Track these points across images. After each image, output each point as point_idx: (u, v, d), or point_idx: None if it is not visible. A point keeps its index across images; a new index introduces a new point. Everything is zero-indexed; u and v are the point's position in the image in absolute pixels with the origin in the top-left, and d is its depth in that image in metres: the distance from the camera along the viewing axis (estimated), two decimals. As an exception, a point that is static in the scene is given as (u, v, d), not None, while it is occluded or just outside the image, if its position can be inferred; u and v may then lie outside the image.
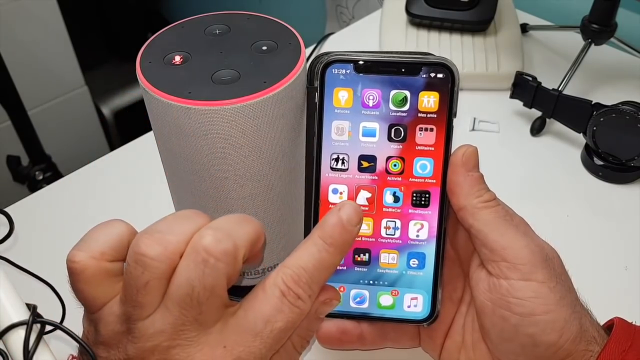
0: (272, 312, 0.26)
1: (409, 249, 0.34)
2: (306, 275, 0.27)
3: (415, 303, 0.34)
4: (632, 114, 0.51)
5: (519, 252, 0.31)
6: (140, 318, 0.26)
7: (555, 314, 0.30)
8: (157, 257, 0.25)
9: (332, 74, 0.33)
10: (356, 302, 0.34)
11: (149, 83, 0.33)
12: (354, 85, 0.33)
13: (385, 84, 0.33)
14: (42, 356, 0.28)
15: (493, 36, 0.69)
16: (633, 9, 0.72)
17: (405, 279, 0.34)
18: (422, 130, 0.33)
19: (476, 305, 0.33)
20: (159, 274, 0.25)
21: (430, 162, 0.33)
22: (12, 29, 1.17)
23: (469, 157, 0.32)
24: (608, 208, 0.54)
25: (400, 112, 0.33)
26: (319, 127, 0.34)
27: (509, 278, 0.31)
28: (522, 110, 0.61)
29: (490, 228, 0.32)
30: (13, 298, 0.29)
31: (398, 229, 0.34)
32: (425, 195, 0.33)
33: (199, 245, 0.25)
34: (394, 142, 0.33)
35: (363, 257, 0.34)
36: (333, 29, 1.17)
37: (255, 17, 0.39)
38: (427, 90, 0.33)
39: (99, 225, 0.28)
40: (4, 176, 1.18)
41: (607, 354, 0.30)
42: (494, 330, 0.32)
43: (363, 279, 0.34)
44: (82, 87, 1.37)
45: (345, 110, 0.33)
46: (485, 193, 0.32)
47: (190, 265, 0.25)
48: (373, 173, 0.34)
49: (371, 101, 0.33)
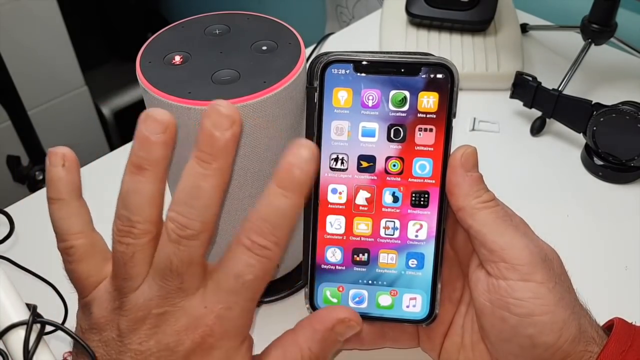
0: (242, 268, 0.27)
1: (408, 249, 0.34)
2: (267, 225, 0.27)
3: (414, 303, 0.34)
4: (632, 114, 0.51)
5: (518, 252, 0.31)
6: (131, 290, 0.28)
7: (553, 315, 0.30)
8: (138, 234, 0.27)
9: (332, 74, 0.33)
10: (355, 302, 0.34)
11: (148, 83, 0.33)
12: (353, 85, 0.33)
13: (385, 84, 0.33)
14: (42, 356, 0.28)
15: (493, 36, 0.69)
16: (633, 9, 0.72)
17: (404, 279, 0.34)
18: (421, 131, 0.33)
19: (475, 306, 0.33)
20: (141, 245, 0.28)
21: (430, 162, 0.33)
22: (12, 29, 1.17)
23: (468, 157, 0.32)
24: (608, 208, 0.54)
25: (399, 112, 0.33)
26: (319, 126, 0.33)
27: (507, 279, 0.31)
28: (522, 110, 0.61)
29: (489, 229, 0.32)
30: (13, 298, 0.29)
31: (397, 229, 0.34)
32: (425, 195, 0.33)
33: (169, 227, 0.27)
34: (393, 143, 0.33)
35: (362, 257, 0.34)
36: (333, 29, 1.17)
37: (255, 17, 0.39)
38: (427, 91, 0.33)
39: (75, 209, 0.30)
40: (4, 176, 1.18)
41: (607, 354, 0.30)
42: (493, 331, 0.32)
43: (362, 279, 0.34)
44: (82, 87, 1.37)
45: (344, 110, 0.33)
46: (485, 193, 0.32)
47: (167, 241, 0.27)
48: (372, 173, 0.34)
49: (371, 101, 0.33)
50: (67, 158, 0.29)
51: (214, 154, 0.26)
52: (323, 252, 0.34)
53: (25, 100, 1.07)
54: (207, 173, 0.27)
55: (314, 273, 0.35)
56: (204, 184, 0.27)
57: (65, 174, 0.29)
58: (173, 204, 0.27)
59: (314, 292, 0.34)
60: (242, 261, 0.27)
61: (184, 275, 0.27)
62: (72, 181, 0.29)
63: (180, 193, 0.27)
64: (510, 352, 0.32)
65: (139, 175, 0.27)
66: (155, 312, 0.27)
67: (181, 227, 0.27)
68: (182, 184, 0.27)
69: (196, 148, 0.27)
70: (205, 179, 0.27)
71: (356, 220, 0.34)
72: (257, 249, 0.27)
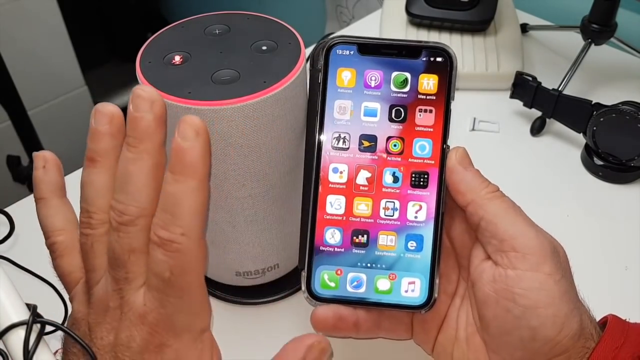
0: (158, 266, 0.26)
1: (407, 230, 0.34)
2: (167, 216, 0.26)
3: (413, 288, 0.34)
4: (632, 114, 0.51)
5: (529, 241, 0.31)
6: (95, 282, 0.28)
7: (557, 308, 0.30)
8: (94, 224, 0.28)
9: (337, 55, 0.34)
10: (353, 286, 0.34)
11: (148, 83, 0.33)
12: (357, 66, 0.34)
13: (387, 65, 0.34)
14: (42, 356, 0.28)
15: (493, 36, 0.69)
16: (633, 9, 0.72)
17: (403, 261, 0.34)
18: (421, 112, 0.34)
19: (478, 296, 0.33)
20: (99, 236, 0.28)
21: (429, 142, 0.34)
22: (12, 29, 1.17)
23: (462, 156, 0.33)
24: (608, 208, 0.54)
25: (400, 93, 0.34)
26: (322, 105, 0.34)
27: (516, 268, 0.31)
28: (522, 110, 0.61)
29: (500, 218, 0.32)
30: (13, 298, 0.29)
31: (397, 210, 0.34)
32: (424, 176, 0.34)
33: (110, 216, 0.27)
34: (394, 123, 0.34)
35: (361, 238, 0.34)
36: (333, 29, 1.17)
37: (255, 17, 0.39)
38: (427, 73, 0.34)
39: (57, 207, 0.31)
40: (4, 176, 1.18)
41: (600, 350, 0.30)
42: (494, 322, 0.32)
43: (361, 262, 0.34)
44: (82, 87, 1.37)
45: (348, 90, 0.34)
46: (489, 184, 0.33)
47: (110, 231, 0.27)
48: (373, 153, 0.34)
49: (373, 82, 0.34)
50: (47, 160, 0.30)
51: (138, 137, 0.26)
52: (322, 233, 0.34)
53: (25, 100, 1.07)
54: (135, 157, 0.27)
55: (312, 255, 0.34)
56: (133, 167, 0.26)
57: (44, 175, 0.30)
58: (113, 192, 0.28)
59: (312, 276, 0.34)
60: (157, 259, 0.26)
61: (127, 265, 0.27)
62: (51, 181, 0.30)
63: (117, 181, 0.27)
64: (509, 345, 0.32)
65: (92, 167, 0.28)
66: (112, 305, 0.27)
67: (119, 214, 0.26)
68: (117, 172, 0.27)
69: (126, 135, 0.27)
70: (134, 163, 0.26)
71: (356, 201, 0.34)
72: (165, 245, 0.26)
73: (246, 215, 0.38)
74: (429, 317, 0.35)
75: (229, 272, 0.42)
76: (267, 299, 0.45)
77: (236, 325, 0.44)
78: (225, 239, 0.39)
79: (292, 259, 0.43)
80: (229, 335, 0.44)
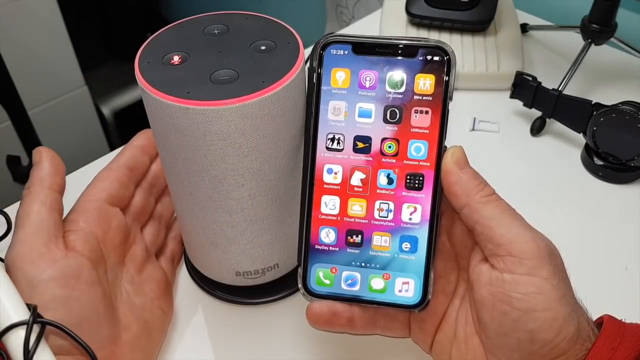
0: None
1: (402, 232, 0.34)
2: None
3: (407, 288, 0.34)
4: (632, 114, 0.51)
5: (525, 245, 0.31)
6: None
7: (555, 312, 0.30)
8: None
9: (331, 55, 0.33)
10: (347, 284, 0.34)
11: (147, 83, 0.33)
12: (351, 66, 0.33)
13: (383, 65, 0.33)
14: (42, 356, 0.28)
15: (493, 36, 0.68)
16: (633, 9, 0.72)
17: (397, 262, 0.34)
18: (417, 113, 0.33)
19: (475, 298, 0.33)
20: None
21: (425, 144, 0.33)
22: (12, 29, 1.17)
23: (459, 156, 0.33)
24: (608, 208, 0.54)
25: (396, 94, 0.33)
26: (316, 106, 0.34)
27: (513, 272, 0.31)
28: (522, 110, 0.61)
29: (496, 222, 0.31)
30: (13, 298, 0.29)
31: (391, 212, 0.34)
32: (419, 178, 0.34)
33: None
34: (389, 124, 0.34)
35: (356, 238, 0.34)
36: (333, 29, 1.17)
37: (254, 17, 0.39)
38: (424, 73, 0.33)
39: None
40: (4, 176, 1.18)
41: (596, 351, 0.30)
42: (492, 324, 0.32)
43: (355, 261, 0.34)
44: (82, 87, 1.36)
45: (342, 90, 0.34)
46: (485, 187, 0.33)
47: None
48: (368, 154, 0.34)
49: (368, 82, 0.33)
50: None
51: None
52: (317, 232, 0.34)
53: (25, 100, 1.07)
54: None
55: (307, 253, 0.35)
56: None
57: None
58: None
59: (307, 273, 0.35)
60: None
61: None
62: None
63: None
64: (507, 347, 0.32)
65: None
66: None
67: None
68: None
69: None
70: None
71: (350, 201, 0.34)
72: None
73: (246, 216, 0.38)
74: (426, 316, 0.35)
75: (229, 272, 0.42)
76: (267, 299, 0.45)
77: (236, 325, 0.44)
78: (225, 239, 0.39)
79: (292, 258, 0.43)
80: (229, 335, 0.44)
